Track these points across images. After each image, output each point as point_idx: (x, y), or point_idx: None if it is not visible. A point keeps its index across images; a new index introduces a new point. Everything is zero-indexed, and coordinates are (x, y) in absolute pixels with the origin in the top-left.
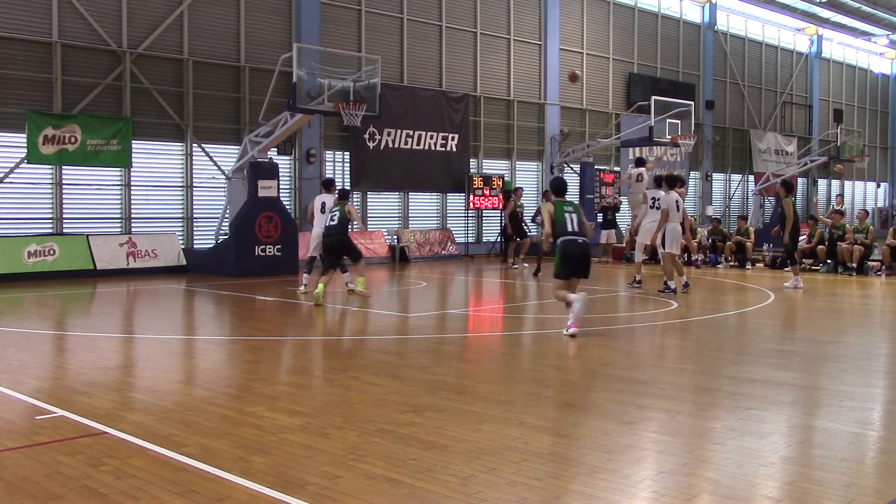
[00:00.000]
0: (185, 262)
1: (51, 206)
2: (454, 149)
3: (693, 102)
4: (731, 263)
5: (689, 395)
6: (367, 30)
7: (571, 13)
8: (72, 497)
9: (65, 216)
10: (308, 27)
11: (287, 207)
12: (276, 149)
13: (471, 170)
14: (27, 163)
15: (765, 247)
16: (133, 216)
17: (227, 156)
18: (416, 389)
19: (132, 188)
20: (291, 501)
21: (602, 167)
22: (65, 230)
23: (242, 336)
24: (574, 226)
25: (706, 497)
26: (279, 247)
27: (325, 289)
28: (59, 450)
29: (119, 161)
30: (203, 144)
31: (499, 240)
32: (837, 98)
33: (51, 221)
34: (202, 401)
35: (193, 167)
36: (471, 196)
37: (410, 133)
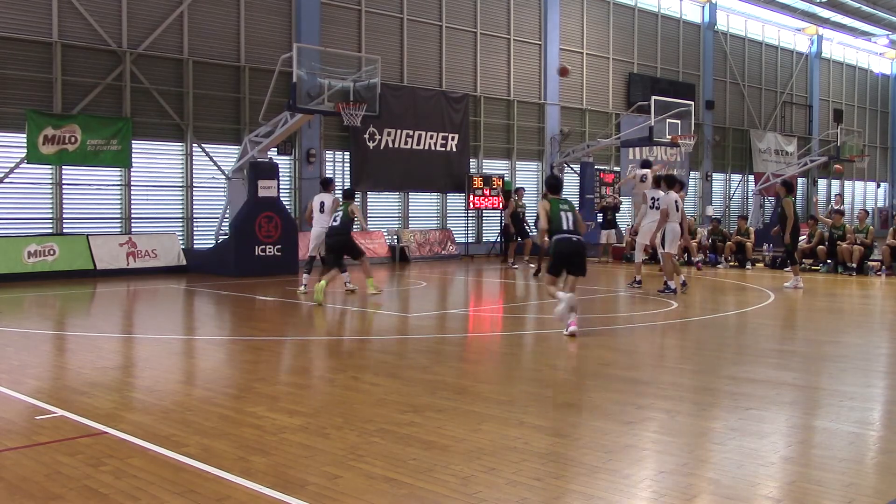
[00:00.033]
0: (185, 262)
1: (51, 206)
2: (454, 149)
3: (693, 102)
4: (731, 263)
5: (689, 395)
6: (367, 30)
7: (571, 13)
8: (72, 497)
9: (65, 216)
10: (308, 27)
11: (287, 207)
12: (276, 149)
13: (471, 170)
14: (27, 163)
15: (765, 247)
16: (133, 216)
17: (227, 156)
18: (416, 389)
19: (132, 188)
20: (291, 501)
21: (602, 167)
22: (65, 230)
23: (242, 336)
24: (569, 224)
25: (706, 497)
26: (279, 247)
27: (326, 287)
28: (59, 450)
29: (119, 161)
30: (203, 144)
31: (499, 240)
32: (837, 98)
33: (51, 221)
34: (202, 401)
35: (193, 167)
36: (471, 196)
37: (410, 133)
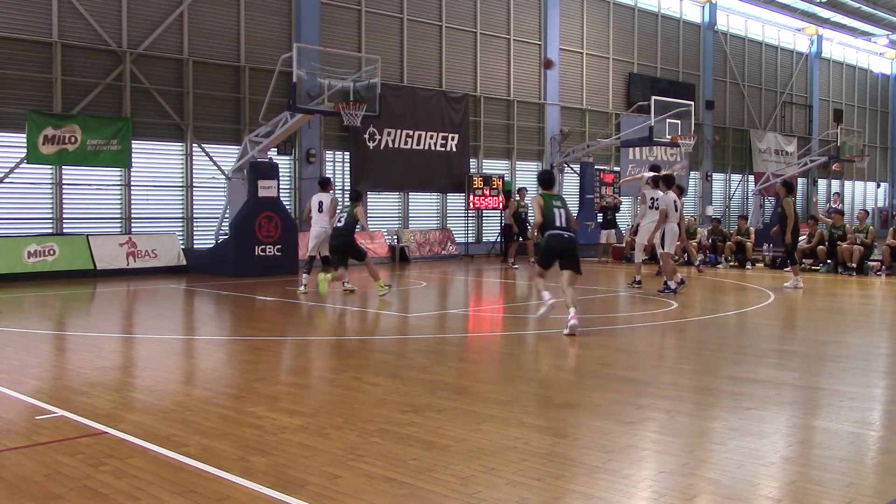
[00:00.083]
0: (185, 262)
1: (51, 206)
2: (454, 149)
3: (693, 102)
4: (732, 263)
5: (689, 395)
6: (367, 30)
7: (571, 13)
8: (72, 497)
9: (65, 216)
10: (308, 27)
11: (287, 207)
12: (276, 149)
13: (471, 170)
14: (27, 163)
15: (765, 247)
16: (133, 216)
17: (227, 156)
18: (416, 389)
19: (132, 188)
20: (291, 501)
21: (602, 167)
22: (65, 230)
23: (242, 336)
24: (562, 221)
25: (706, 497)
26: (279, 247)
27: (331, 282)
28: (59, 450)
29: (119, 161)
30: (203, 144)
31: (499, 240)
32: (837, 98)
33: (51, 221)
34: (202, 401)
35: (193, 167)
36: (471, 196)
37: (410, 133)
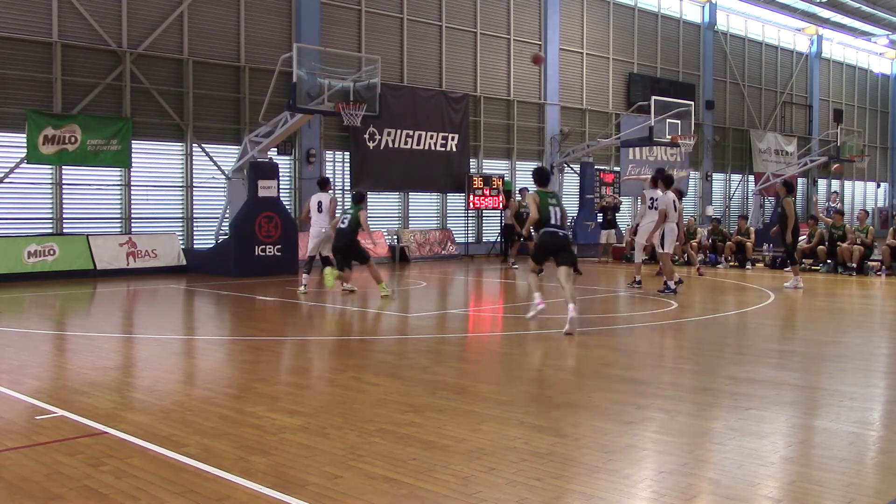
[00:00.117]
0: (185, 262)
1: (51, 206)
2: (454, 149)
3: (693, 102)
4: (731, 263)
5: (689, 395)
6: (367, 30)
7: (571, 13)
8: (72, 497)
9: (65, 216)
10: (308, 27)
11: (287, 207)
12: (276, 149)
13: (471, 170)
14: (27, 163)
15: (765, 247)
16: (133, 216)
17: (227, 156)
18: (416, 389)
19: (132, 188)
20: (291, 501)
21: (602, 167)
22: (65, 230)
23: (242, 336)
24: (557, 219)
25: (706, 497)
26: (279, 247)
27: (336, 278)
28: (59, 450)
29: (119, 161)
30: (203, 144)
31: (499, 240)
32: (837, 98)
33: (51, 221)
34: (202, 401)
35: (193, 167)
36: (471, 196)
37: (410, 133)
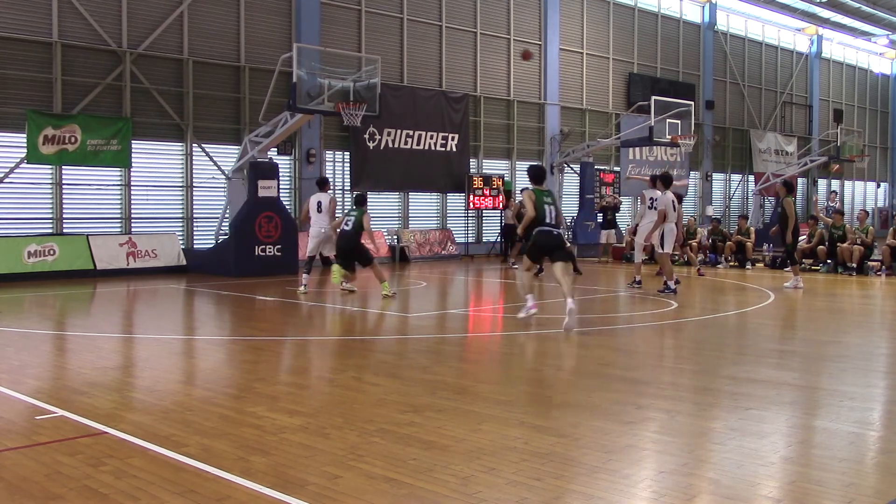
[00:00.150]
0: (185, 262)
1: (51, 206)
2: (454, 149)
3: (693, 102)
4: (732, 263)
5: (689, 395)
6: (367, 30)
7: (571, 13)
8: (72, 497)
9: (65, 216)
10: (308, 27)
11: (287, 207)
12: (276, 149)
13: (471, 170)
14: (27, 163)
15: (765, 247)
16: (133, 216)
17: (227, 156)
18: (416, 389)
19: (132, 188)
20: (291, 501)
21: (602, 167)
22: (65, 230)
23: (242, 336)
24: (551, 218)
25: (706, 497)
26: (279, 247)
27: (342, 277)
28: (59, 450)
29: (119, 161)
30: (203, 144)
31: (499, 240)
32: (837, 98)
33: (51, 221)
34: (202, 401)
35: (193, 167)
36: (471, 196)
37: (410, 133)
